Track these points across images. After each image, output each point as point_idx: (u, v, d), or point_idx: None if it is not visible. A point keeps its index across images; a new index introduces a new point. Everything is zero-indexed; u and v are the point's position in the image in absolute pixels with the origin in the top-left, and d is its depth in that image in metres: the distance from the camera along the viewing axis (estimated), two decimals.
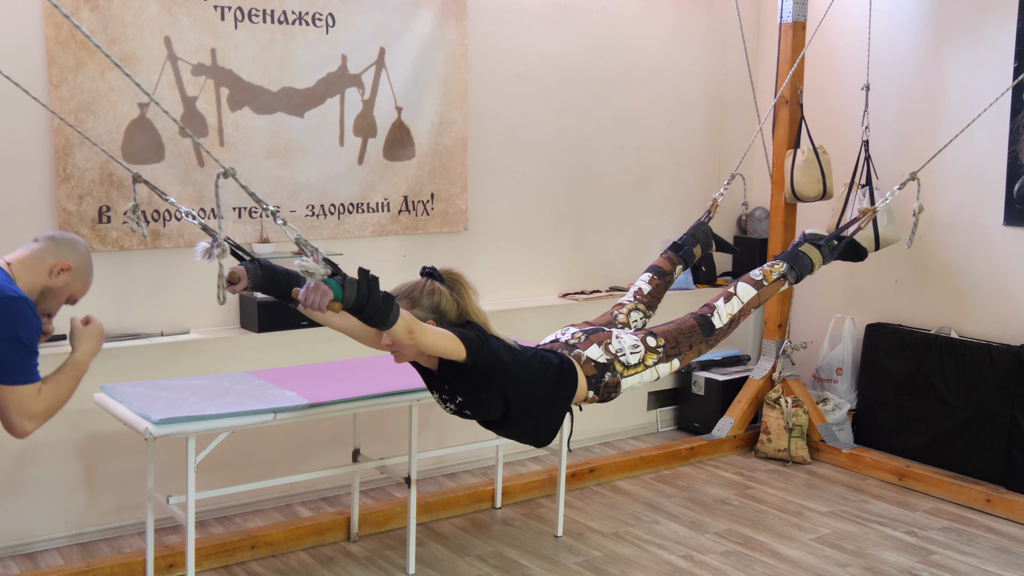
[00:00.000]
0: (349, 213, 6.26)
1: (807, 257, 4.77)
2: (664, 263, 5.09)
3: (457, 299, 3.95)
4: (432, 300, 3.90)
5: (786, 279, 4.71)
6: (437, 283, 3.95)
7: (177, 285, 5.75)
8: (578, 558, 5.42)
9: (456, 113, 6.59)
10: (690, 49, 7.76)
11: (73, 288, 3.70)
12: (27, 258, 3.60)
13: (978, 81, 6.67)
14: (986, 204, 6.68)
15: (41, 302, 3.62)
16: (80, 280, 3.71)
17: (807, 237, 4.86)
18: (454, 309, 3.93)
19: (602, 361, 4.24)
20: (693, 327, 4.47)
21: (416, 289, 3.92)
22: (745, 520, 5.96)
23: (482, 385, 3.92)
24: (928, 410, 6.79)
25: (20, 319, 3.38)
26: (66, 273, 3.64)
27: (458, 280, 4.00)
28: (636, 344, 4.32)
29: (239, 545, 5.30)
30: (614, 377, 4.24)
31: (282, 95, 5.96)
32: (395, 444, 6.09)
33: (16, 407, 3.39)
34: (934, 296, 7.03)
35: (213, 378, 5.10)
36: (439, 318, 3.89)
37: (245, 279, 3.76)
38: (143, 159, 5.52)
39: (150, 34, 5.49)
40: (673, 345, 4.39)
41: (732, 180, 5.71)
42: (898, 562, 5.42)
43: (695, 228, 5.30)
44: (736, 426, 7.24)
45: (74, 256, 3.68)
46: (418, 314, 3.83)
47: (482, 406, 3.99)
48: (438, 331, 3.71)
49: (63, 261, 3.63)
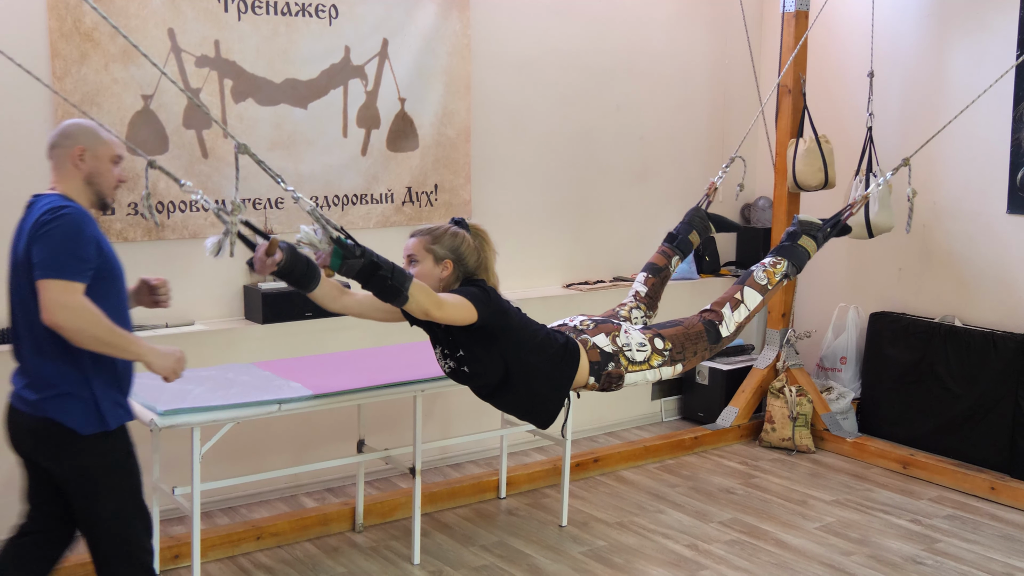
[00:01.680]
0: (353, 204, 6.26)
1: (804, 250, 4.85)
2: (659, 258, 5.15)
3: (478, 249, 4.13)
4: (454, 242, 4.08)
5: (788, 276, 4.76)
6: (462, 230, 4.13)
7: (182, 276, 5.74)
8: (583, 548, 5.43)
9: (459, 104, 6.59)
10: (693, 38, 7.76)
11: (101, 158, 3.75)
12: (56, 174, 3.71)
13: (981, 69, 6.66)
14: (989, 192, 6.68)
15: (97, 188, 3.73)
16: (99, 148, 3.74)
17: (802, 226, 4.89)
18: (474, 257, 4.12)
19: (608, 350, 4.29)
20: (700, 333, 4.53)
21: (440, 228, 4.12)
22: (749, 509, 5.97)
23: (485, 344, 4.03)
24: (932, 398, 6.79)
25: (71, 228, 3.49)
26: (86, 153, 3.70)
27: (482, 235, 4.20)
28: (643, 343, 4.38)
29: (244, 536, 5.31)
30: (617, 368, 4.29)
31: (286, 87, 5.96)
32: (400, 435, 6.10)
33: (53, 299, 3.41)
34: (938, 284, 7.03)
35: (218, 369, 5.10)
36: (457, 260, 4.07)
37: (281, 255, 3.54)
38: (147, 151, 5.52)
39: (154, 26, 5.49)
40: (679, 350, 4.46)
41: (731, 163, 5.71)
42: (902, 550, 5.42)
43: (690, 215, 5.33)
44: (740, 415, 7.25)
45: (78, 136, 3.72)
46: (437, 250, 4.05)
47: (480, 364, 4.09)
48: (457, 303, 3.85)
49: (75, 148, 3.70)
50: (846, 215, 4.96)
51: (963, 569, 5.21)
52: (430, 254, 4.07)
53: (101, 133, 3.76)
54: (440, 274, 4.08)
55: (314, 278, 3.67)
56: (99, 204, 3.73)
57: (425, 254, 4.08)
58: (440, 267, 4.08)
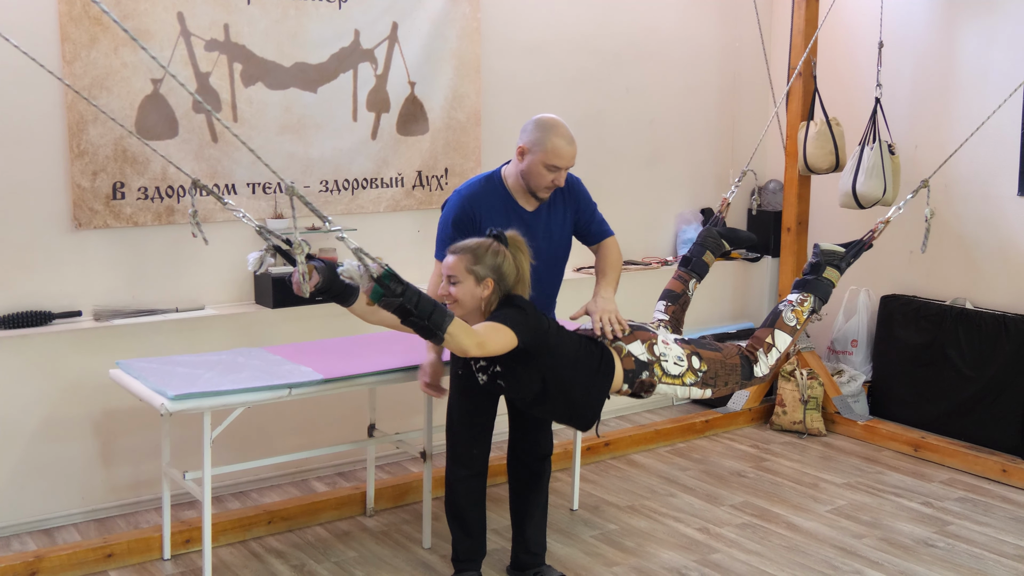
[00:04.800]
0: (363, 188, 6.26)
1: (829, 281, 4.87)
2: (675, 284, 5.16)
3: (518, 266, 4.10)
4: (496, 260, 4.05)
5: (816, 312, 4.78)
6: (503, 246, 4.08)
7: (192, 261, 5.75)
8: (594, 531, 5.43)
9: (469, 87, 6.57)
10: (703, 21, 7.73)
11: (537, 163, 4.36)
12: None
13: (992, 51, 6.64)
14: (1000, 175, 6.66)
15: (528, 183, 4.44)
16: (540, 156, 4.35)
17: (824, 256, 4.88)
18: (513, 274, 4.10)
19: (643, 359, 4.31)
20: (736, 367, 4.56)
21: (482, 247, 4.07)
22: (761, 492, 5.97)
23: (524, 361, 4.02)
24: (943, 381, 6.78)
25: (444, 212, 4.53)
26: (528, 155, 4.33)
27: (519, 245, 4.16)
28: (681, 357, 4.40)
29: (256, 520, 5.32)
30: (651, 377, 4.32)
31: (295, 70, 5.95)
32: (411, 419, 6.10)
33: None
34: (949, 267, 7.01)
35: (228, 353, 5.10)
36: (499, 279, 4.04)
37: (318, 275, 3.70)
38: (157, 135, 5.52)
39: (163, 9, 5.48)
40: (712, 375, 4.47)
41: (743, 177, 5.75)
42: (914, 533, 5.42)
43: (703, 236, 5.35)
44: (751, 399, 7.24)
45: (526, 136, 4.36)
46: (479, 270, 4.01)
47: (517, 380, 4.08)
48: (498, 338, 3.85)
49: (520, 146, 4.35)
50: (868, 241, 4.98)
51: (975, 551, 5.20)
52: (471, 275, 4.00)
53: (548, 145, 4.35)
54: (481, 293, 4.03)
55: (352, 294, 3.84)
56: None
57: (467, 275, 4.02)
58: (481, 287, 4.02)
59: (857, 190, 6.60)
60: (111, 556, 4.93)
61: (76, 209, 5.35)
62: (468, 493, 4.63)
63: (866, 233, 5.02)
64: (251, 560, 5.06)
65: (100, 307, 5.48)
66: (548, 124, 4.36)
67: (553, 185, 4.41)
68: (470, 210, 4.43)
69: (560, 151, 4.34)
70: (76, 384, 5.33)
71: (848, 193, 6.67)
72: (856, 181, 6.60)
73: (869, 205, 6.65)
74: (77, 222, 5.37)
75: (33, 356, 5.21)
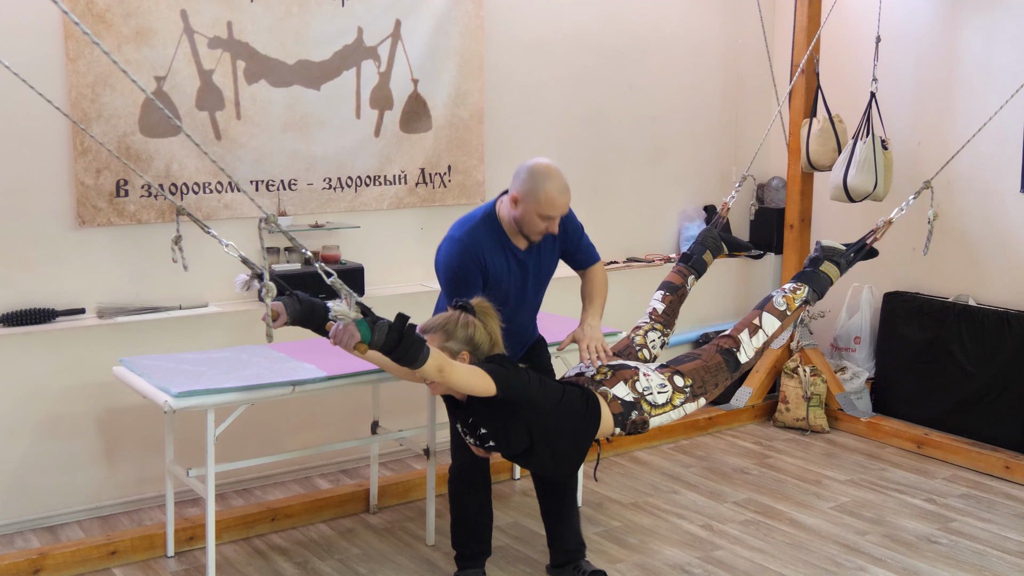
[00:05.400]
0: (366, 186, 6.26)
1: (826, 276, 4.86)
2: (675, 277, 5.15)
3: (490, 332, 4.08)
4: (467, 332, 4.03)
5: (808, 303, 4.76)
6: (471, 316, 4.06)
7: (195, 258, 5.73)
8: (597, 528, 5.43)
9: (472, 85, 6.57)
10: (706, 18, 7.72)
11: (531, 212, 4.28)
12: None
13: (994, 48, 6.64)
14: (1003, 171, 6.66)
15: (522, 230, 4.37)
16: (534, 207, 4.26)
17: (824, 252, 4.89)
18: (487, 341, 4.08)
19: (629, 400, 4.29)
20: (719, 364, 4.55)
21: (451, 322, 4.05)
22: (764, 489, 5.97)
23: (508, 418, 4.00)
24: (946, 378, 6.78)
25: (439, 257, 4.47)
26: (521, 203, 4.25)
27: (487, 312, 4.14)
28: (663, 383, 4.39)
29: (259, 517, 5.32)
30: (641, 416, 4.31)
31: (298, 68, 5.95)
32: (414, 416, 6.10)
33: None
34: (951, 264, 7.01)
35: (232, 351, 5.11)
36: (473, 350, 4.02)
37: (285, 315, 4.00)
38: (160, 133, 5.52)
39: (166, 7, 5.48)
40: (700, 384, 4.47)
41: (743, 181, 5.75)
42: (917, 529, 5.42)
43: (703, 235, 5.35)
44: (754, 396, 7.25)
45: (519, 185, 4.27)
46: (452, 346, 3.98)
47: (506, 439, 4.06)
48: (468, 369, 3.84)
49: (513, 194, 4.27)
50: (870, 240, 4.98)
51: (978, 548, 5.21)
52: (446, 352, 3.95)
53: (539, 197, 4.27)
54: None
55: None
56: None
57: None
58: (458, 360, 3.99)
59: (848, 183, 6.62)
60: (115, 553, 4.93)
61: (80, 206, 5.36)
62: (472, 491, 4.63)
63: (867, 233, 5.01)
64: (255, 557, 5.07)
65: (104, 304, 5.49)
66: (541, 173, 4.29)
67: (547, 231, 4.38)
68: (479, 259, 4.36)
69: (554, 202, 4.29)
70: (80, 381, 5.33)
71: (839, 186, 6.69)
72: (847, 174, 6.62)
73: (859, 199, 6.67)
74: (81, 219, 5.37)
75: (37, 353, 5.21)
